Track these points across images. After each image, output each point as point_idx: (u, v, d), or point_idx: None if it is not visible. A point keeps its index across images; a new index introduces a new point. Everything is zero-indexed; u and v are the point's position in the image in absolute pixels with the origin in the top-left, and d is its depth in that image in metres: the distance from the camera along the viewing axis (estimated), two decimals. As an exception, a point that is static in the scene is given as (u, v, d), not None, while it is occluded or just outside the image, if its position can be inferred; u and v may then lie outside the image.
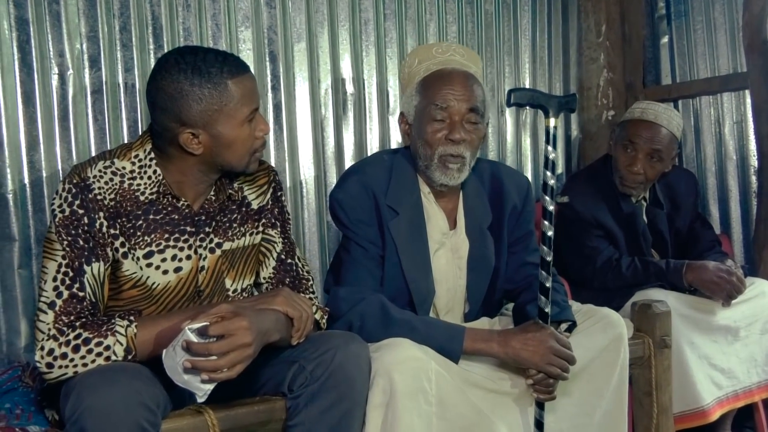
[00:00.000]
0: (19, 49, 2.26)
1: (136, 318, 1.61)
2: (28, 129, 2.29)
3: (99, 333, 1.56)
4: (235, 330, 1.50)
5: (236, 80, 1.67)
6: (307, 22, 2.78)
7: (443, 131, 2.00)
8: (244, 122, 1.70)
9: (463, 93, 2.00)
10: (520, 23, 3.32)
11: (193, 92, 1.63)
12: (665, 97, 3.23)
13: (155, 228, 1.72)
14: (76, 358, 1.54)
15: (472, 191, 2.16)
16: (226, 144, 1.69)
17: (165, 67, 1.66)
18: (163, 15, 2.50)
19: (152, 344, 1.59)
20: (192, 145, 1.68)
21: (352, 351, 1.68)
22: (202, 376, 1.49)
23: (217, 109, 1.65)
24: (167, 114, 1.66)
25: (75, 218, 1.62)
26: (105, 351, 1.55)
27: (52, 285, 1.60)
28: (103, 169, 1.68)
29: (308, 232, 2.84)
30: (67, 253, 1.61)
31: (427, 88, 2.04)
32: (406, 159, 2.13)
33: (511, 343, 1.86)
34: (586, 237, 2.77)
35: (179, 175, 1.74)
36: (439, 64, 2.07)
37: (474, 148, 2.04)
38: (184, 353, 1.49)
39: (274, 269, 1.91)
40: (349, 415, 1.67)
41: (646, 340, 2.27)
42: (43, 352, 1.55)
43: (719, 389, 2.57)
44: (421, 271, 2.07)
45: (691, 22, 3.31)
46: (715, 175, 3.28)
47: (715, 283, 2.58)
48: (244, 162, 1.75)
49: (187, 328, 1.49)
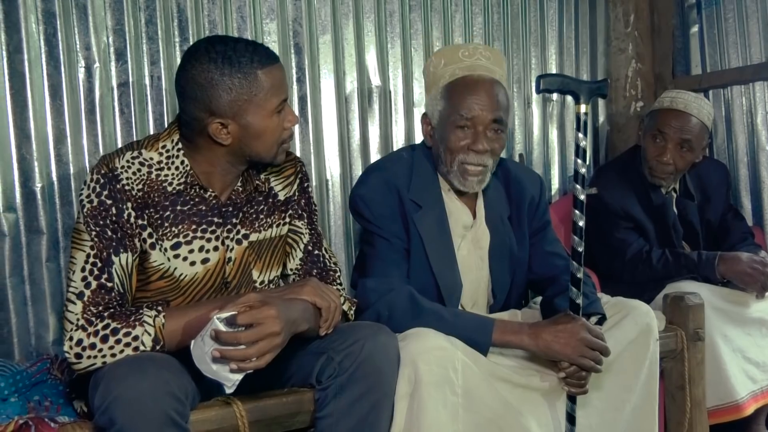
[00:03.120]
0: (46, 42, 2.27)
1: (164, 308, 1.60)
2: (55, 122, 2.30)
3: (127, 323, 1.55)
4: (264, 319, 1.49)
5: (266, 70, 1.66)
6: (333, 14, 2.77)
7: (466, 140, 2.01)
8: (273, 113, 1.69)
9: (489, 103, 1.99)
10: (546, 14, 3.28)
11: (224, 82, 1.62)
12: (695, 88, 3.17)
13: (182, 219, 1.71)
14: (104, 348, 1.54)
15: (491, 184, 2.16)
16: (255, 134, 1.68)
17: (195, 56, 1.65)
18: (189, 8, 2.50)
19: (180, 334, 1.59)
20: (221, 135, 1.67)
21: (381, 342, 1.67)
22: (230, 365, 1.47)
23: (247, 99, 1.64)
24: (197, 103, 1.65)
25: (103, 209, 1.62)
26: (133, 341, 1.55)
27: (80, 275, 1.60)
28: (131, 160, 1.67)
29: (334, 225, 2.83)
30: (95, 243, 1.61)
31: (452, 95, 2.03)
32: (426, 156, 2.13)
33: (543, 335, 1.83)
34: (615, 229, 2.74)
35: (207, 166, 1.73)
36: (465, 69, 2.04)
37: (496, 155, 2.05)
38: (212, 343, 1.48)
39: (301, 260, 1.90)
40: (378, 407, 1.66)
41: (679, 333, 2.24)
42: (71, 343, 1.55)
43: (754, 383, 2.53)
44: (447, 265, 2.07)
45: (722, 11, 3.24)
46: (747, 166, 3.22)
47: (749, 274, 2.54)
48: (272, 153, 1.74)
49: (216, 318, 1.48)
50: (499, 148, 2.04)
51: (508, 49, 3.17)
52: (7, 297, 2.25)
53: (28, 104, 2.25)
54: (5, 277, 2.24)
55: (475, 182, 2.04)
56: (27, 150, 2.26)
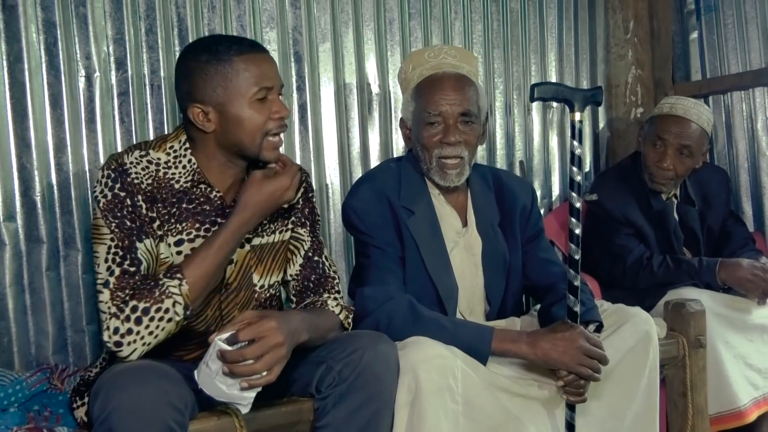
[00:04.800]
0: (46, 51, 2.28)
1: (183, 274, 1.61)
2: (55, 131, 2.30)
3: (154, 299, 1.56)
4: (265, 332, 1.49)
5: (244, 57, 1.68)
6: (332, 22, 2.78)
7: (438, 135, 2.05)
8: (252, 101, 1.69)
9: (455, 97, 2.04)
10: (546, 21, 3.28)
11: (200, 68, 1.67)
12: (695, 94, 3.17)
13: (187, 216, 1.73)
14: (141, 330, 1.55)
15: (479, 190, 2.20)
16: (234, 122, 1.69)
17: (183, 52, 1.75)
18: (189, 16, 2.51)
19: (202, 289, 1.63)
20: (203, 122, 1.70)
21: (381, 351, 1.66)
22: (241, 384, 1.48)
23: (224, 85, 1.67)
24: (182, 94, 1.71)
25: (118, 200, 1.64)
26: (166, 314, 1.57)
27: (104, 266, 1.61)
28: (139, 158, 1.70)
29: (334, 233, 2.83)
30: (115, 234, 1.62)
31: (421, 94, 2.09)
32: (412, 164, 2.17)
33: (540, 344, 1.82)
34: (616, 235, 2.73)
35: (207, 161, 1.75)
36: (431, 68, 2.11)
37: (471, 146, 2.08)
38: (219, 363, 1.48)
39: (300, 266, 1.90)
40: (378, 416, 1.65)
41: (680, 339, 2.23)
42: (109, 332, 1.55)
43: (756, 389, 2.52)
44: (443, 269, 2.08)
45: (721, 17, 3.24)
46: (748, 171, 3.22)
47: (750, 280, 2.54)
48: (256, 143, 1.72)
49: (218, 339, 1.48)
50: (472, 139, 2.07)
51: (508, 56, 3.18)
52: (7, 306, 2.25)
53: (28, 113, 2.26)
54: (5, 287, 2.24)
55: (454, 175, 2.07)
56: (27, 159, 2.27)
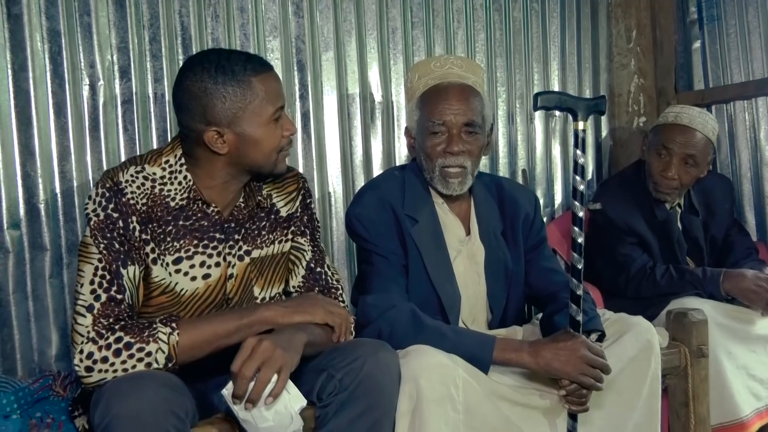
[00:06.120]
0: (50, 60, 2.30)
1: (177, 325, 1.59)
2: (59, 139, 2.32)
3: (141, 338, 1.54)
4: (251, 350, 1.50)
5: (260, 78, 1.67)
6: (335, 31, 2.79)
7: (442, 145, 2.05)
8: (269, 121, 1.70)
9: (459, 107, 2.04)
10: (548, 30, 3.28)
11: (217, 90, 1.64)
12: (698, 103, 3.16)
13: (184, 234, 1.72)
14: (116, 362, 1.53)
15: (482, 199, 2.20)
16: (252, 142, 1.69)
17: (189, 68, 1.67)
18: (192, 26, 2.52)
19: (193, 352, 1.59)
20: (217, 144, 1.68)
21: (382, 359, 1.66)
22: (266, 400, 1.47)
23: (242, 107, 1.66)
24: (192, 114, 1.66)
25: (110, 221, 1.63)
26: (146, 357, 1.54)
27: (89, 288, 1.59)
28: (135, 174, 1.68)
29: (337, 240, 2.84)
30: (103, 256, 1.61)
31: (426, 103, 2.09)
32: (415, 173, 2.17)
33: (542, 353, 1.82)
34: (619, 244, 2.73)
35: (208, 180, 1.74)
36: (437, 78, 2.11)
37: (475, 156, 2.09)
38: (241, 406, 1.48)
39: (303, 278, 1.90)
40: (379, 424, 1.64)
41: (683, 349, 2.22)
42: (82, 356, 1.53)
43: (758, 400, 2.50)
44: (445, 277, 2.08)
45: (724, 26, 3.24)
46: (751, 181, 3.21)
47: (754, 291, 2.53)
48: (271, 161, 1.74)
49: (224, 392, 1.49)
50: (476, 149, 2.07)
51: (511, 65, 3.18)
52: (10, 313, 2.26)
53: (32, 121, 2.28)
54: (9, 294, 2.26)
55: (456, 184, 2.07)
56: (31, 167, 2.28)
